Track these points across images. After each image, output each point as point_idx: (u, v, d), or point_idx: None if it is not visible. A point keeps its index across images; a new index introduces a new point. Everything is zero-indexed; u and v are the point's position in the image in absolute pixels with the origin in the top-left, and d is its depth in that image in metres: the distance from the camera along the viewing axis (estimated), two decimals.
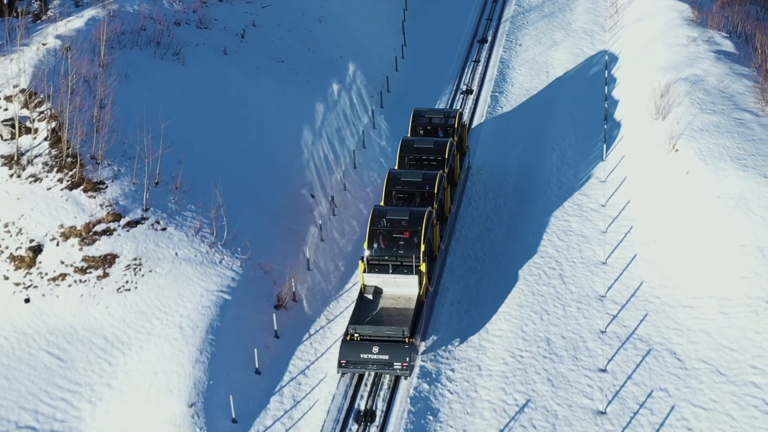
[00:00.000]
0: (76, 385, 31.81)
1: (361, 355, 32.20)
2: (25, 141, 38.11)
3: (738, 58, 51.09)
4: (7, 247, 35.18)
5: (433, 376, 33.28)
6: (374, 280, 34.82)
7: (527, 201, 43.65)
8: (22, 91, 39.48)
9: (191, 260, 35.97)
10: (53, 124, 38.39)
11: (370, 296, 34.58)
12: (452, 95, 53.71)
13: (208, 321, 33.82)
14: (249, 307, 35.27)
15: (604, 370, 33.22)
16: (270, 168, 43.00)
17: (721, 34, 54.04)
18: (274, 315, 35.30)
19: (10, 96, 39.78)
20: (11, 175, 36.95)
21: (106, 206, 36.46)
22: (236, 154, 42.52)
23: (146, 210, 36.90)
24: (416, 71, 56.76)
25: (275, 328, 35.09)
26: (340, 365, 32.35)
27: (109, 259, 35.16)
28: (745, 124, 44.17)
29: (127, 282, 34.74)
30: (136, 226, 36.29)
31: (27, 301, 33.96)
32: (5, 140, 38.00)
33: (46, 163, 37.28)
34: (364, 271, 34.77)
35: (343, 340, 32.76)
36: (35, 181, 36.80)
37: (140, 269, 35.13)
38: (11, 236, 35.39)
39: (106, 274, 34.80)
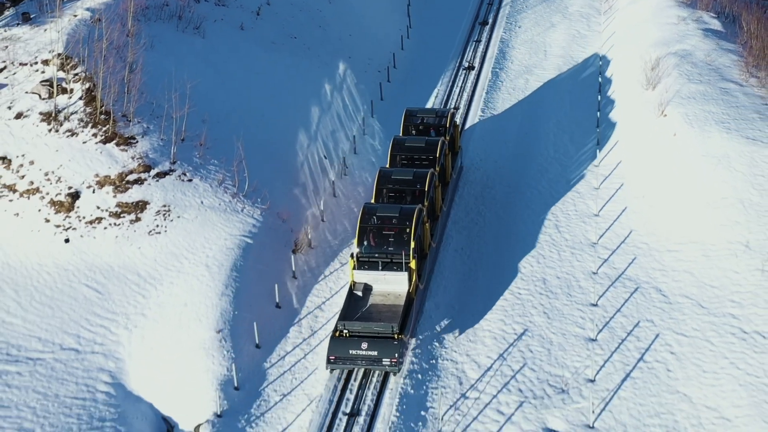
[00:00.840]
0: (113, 314, 34.84)
1: (350, 351, 32.05)
2: (61, 100, 41.15)
3: (725, 35, 54.30)
4: (47, 193, 38.24)
5: (440, 309, 36.35)
6: (364, 276, 34.75)
7: (526, 160, 46.73)
8: (58, 55, 42.57)
9: (215, 208, 39.00)
10: (87, 85, 41.46)
11: (359, 293, 34.46)
12: (455, 71, 56.83)
13: (232, 261, 36.80)
14: (269, 250, 38.24)
15: (595, 305, 36.25)
16: (285, 132, 46.05)
17: (709, 15, 57.25)
18: (292, 257, 38.33)
19: (47, 60, 42.89)
20: (50, 130, 40.01)
21: (137, 158, 39.52)
22: (254, 118, 45.54)
23: (173, 163, 39.95)
24: (421, 50, 59.94)
25: (293, 269, 38.11)
26: (329, 361, 32.25)
27: (140, 206, 38.21)
28: (730, 92, 47.29)
29: (157, 226, 37.78)
30: (164, 177, 39.33)
31: (67, 241, 37.00)
32: (43, 99, 41.05)
33: (81, 120, 40.34)
34: (354, 268, 34.69)
35: (332, 337, 32.66)
36: (72, 135, 39.88)
37: (169, 215, 38.17)
38: (51, 183, 38.45)
39: (138, 219, 37.85)
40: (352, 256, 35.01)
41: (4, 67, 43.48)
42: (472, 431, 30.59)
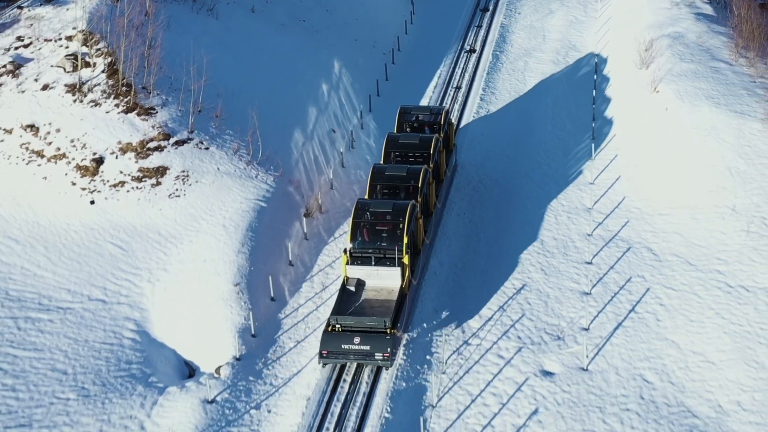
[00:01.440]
0: (137, 269, 37.09)
1: (343, 346, 32.12)
2: (85, 73, 43.45)
3: (716, 19, 56.60)
4: (73, 159, 40.51)
5: (444, 267, 38.62)
6: (357, 272, 34.71)
7: (525, 134, 49.00)
8: (81, 31, 44.85)
9: (231, 174, 41.26)
10: (109, 60, 43.77)
11: (352, 288, 34.47)
12: (457, 54, 59.11)
13: (248, 222, 39.04)
14: (282, 213, 40.48)
15: (589, 263, 38.50)
16: (296, 107, 48.32)
17: (701, 0, 59.55)
18: (303, 220, 40.59)
19: (71, 36, 45.24)
20: (74, 101, 42.29)
21: (157, 127, 41.78)
22: (266, 93, 47.80)
23: (191, 132, 42.21)
24: (424, 34, 62.22)
25: (305, 230, 40.37)
26: (321, 356, 32.27)
27: (161, 171, 40.46)
28: (720, 71, 49.56)
29: (177, 189, 40.03)
30: (183, 145, 41.59)
31: (92, 202, 39.28)
32: (68, 72, 43.35)
33: (104, 91, 42.64)
34: (347, 263, 34.68)
35: (325, 331, 32.72)
36: (95, 105, 42.15)
37: (188, 180, 40.42)
38: (77, 150, 40.73)
39: (158, 183, 40.12)
40: (345, 251, 34.99)
41: (30, 43, 45.79)
42: (474, 373, 32.82)
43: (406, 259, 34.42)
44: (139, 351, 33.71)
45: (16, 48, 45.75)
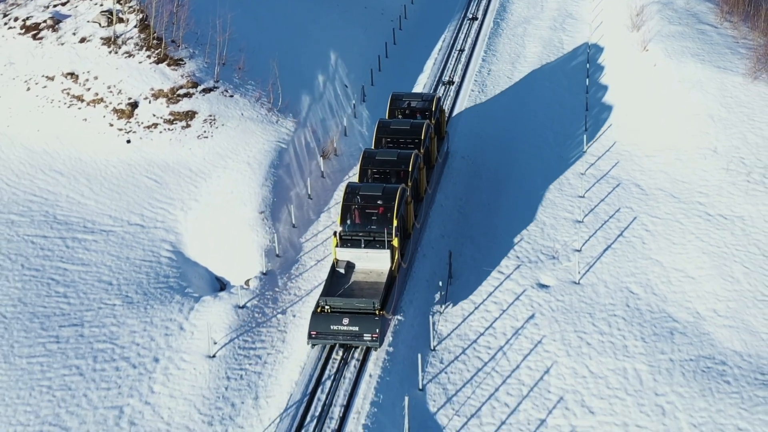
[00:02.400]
0: (171, 199, 40.83)
1: (332, 327, 32.24)
2: (118, 28, 47.21)
3: None
4: (110, 103, 44.31)
5: (449, 200, 42.39)
6: (347, 254, 34.90)
7: (525, 90, 52.75)
8: None
9: (254, 119, 44.99)
10: (140, 16, 47.52)
11: (342, 270, 34.65)
12: (460, 21, 62.85)
13: (270, 160, 42.74)
14: (300, 154, 44.21)
15: (582, 196, 42.23)
16: (312, 63, 52.07)
17: None
18: (321, 160, 44.32)
19: None
20: (110, 52, 46.09)
21: (186, 76, 45.54)
22: (284, 50, 51.52)
23: (217, 81, 45.96)
24: (429, 3, 65.97)
25: (322, 169, 44.09)
26: (310, 336, 32.36)
27: (190, 115, 44.21)
28: (705, 33, 53.32)
29: (204, 131, 43.76)
30: (209, 92, 45.35)
31: (128, 142, 43.06)
32: (103, 27, 47.15)
33: (136, 44, 46.42)
34: (337, 246, 34.86)
35: (314, 312, 32.84)
36: (129, 56, 45.93)
37: (215, 123, 44.14)
38: (113, 95, 44.51)
39: (188, 125, 43.86)
40: (335, 234, 35.23)
41: (68, 1, 49.55)
42: (475, 283, 36.55)
43: (395, 242, 34.57)
44: (175, 267, 37.42)
45: (55, 5, 49.57)
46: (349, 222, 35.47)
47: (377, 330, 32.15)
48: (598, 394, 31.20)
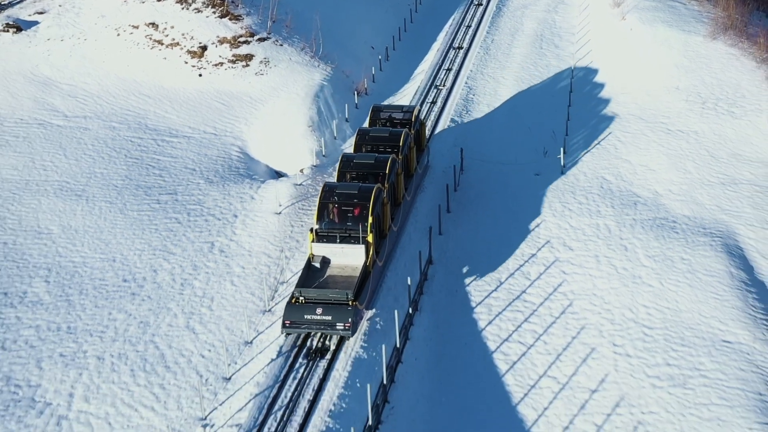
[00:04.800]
0: (236, 117, 50.78)
1: (305, 316, 32.54)
2: None
3: None
4: (185, 46, 54.58)
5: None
6: (323, 249, 35.32)
7: (523, 57, 62.91)
8: None
9: (300, 63, 55.07)
10: None
11: (317, 265, 35.03)
12: (468, 5, 73.27)
13: (314, 92, 52.71)
14: (338, 91, 54.19)
15: (568, 120, 52.07)
16: (345, 31, 62.31)
17: None
18: (355, 95, 54.31)
19: None
20: (182, 8, 56.54)
21: (244, 28, 55.77)
22: (323, 18, 61.66)
23: (269, 33, 56.16)
24: None
25: (356, 102, 54.04)
26: (284, 326, 32.66)
27: (248, 57, 54.31)
28: (675, 7, 63.60)
29: (261, 70, 53.82)
30: (264, 41, 55.53)
31: (200, 75, 53.14)
32: None
33: (204, 2, 56.72)
34: (313, 241, 35.36)
35: (288, 303, 33.12)
36: (198, 12, 56.30)
37: (269, 64, 54.24)
38: (186, 40, 54.78)
39: (247, 65, 53.95)
40: (311, 230, 35.75)
41: None
42: (477, 171, 46.27)
43: (370, 238, 35.07)
44: (244, 162, 47.21)
45: None
46: (326, 220, 36.10)
47: (350, 319, 32.43)
48: (576, 238, 40.76)
